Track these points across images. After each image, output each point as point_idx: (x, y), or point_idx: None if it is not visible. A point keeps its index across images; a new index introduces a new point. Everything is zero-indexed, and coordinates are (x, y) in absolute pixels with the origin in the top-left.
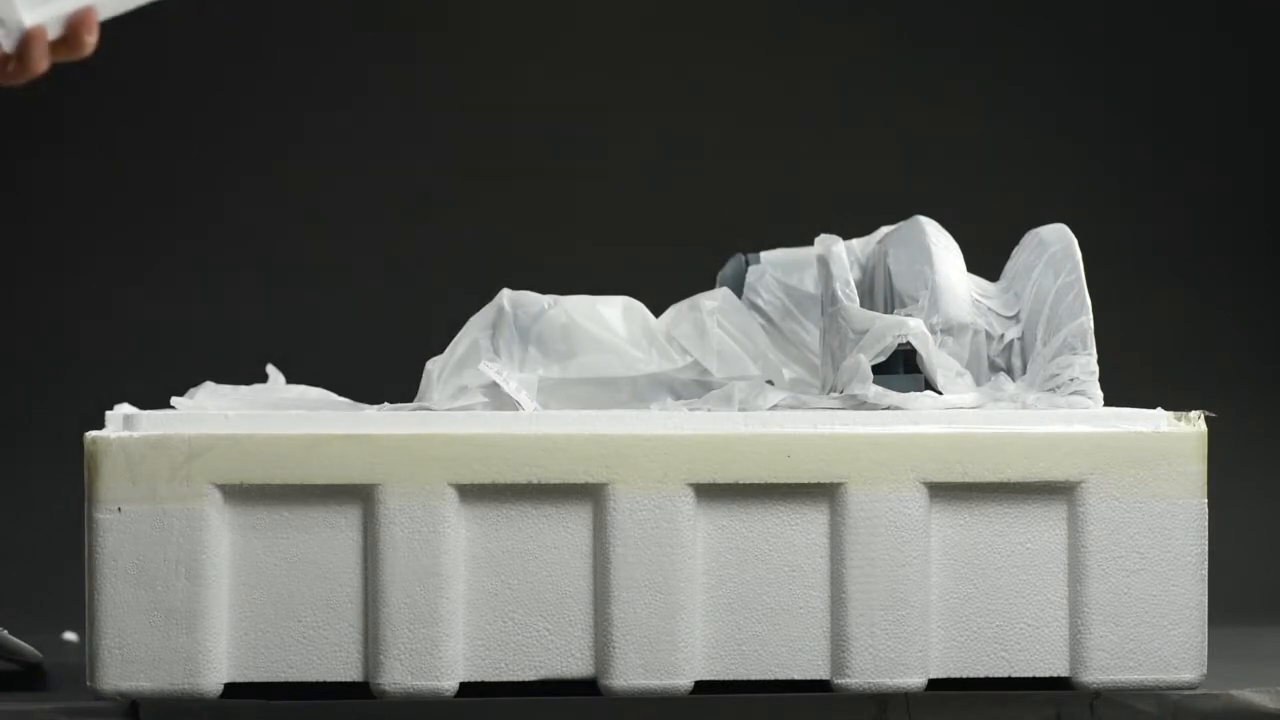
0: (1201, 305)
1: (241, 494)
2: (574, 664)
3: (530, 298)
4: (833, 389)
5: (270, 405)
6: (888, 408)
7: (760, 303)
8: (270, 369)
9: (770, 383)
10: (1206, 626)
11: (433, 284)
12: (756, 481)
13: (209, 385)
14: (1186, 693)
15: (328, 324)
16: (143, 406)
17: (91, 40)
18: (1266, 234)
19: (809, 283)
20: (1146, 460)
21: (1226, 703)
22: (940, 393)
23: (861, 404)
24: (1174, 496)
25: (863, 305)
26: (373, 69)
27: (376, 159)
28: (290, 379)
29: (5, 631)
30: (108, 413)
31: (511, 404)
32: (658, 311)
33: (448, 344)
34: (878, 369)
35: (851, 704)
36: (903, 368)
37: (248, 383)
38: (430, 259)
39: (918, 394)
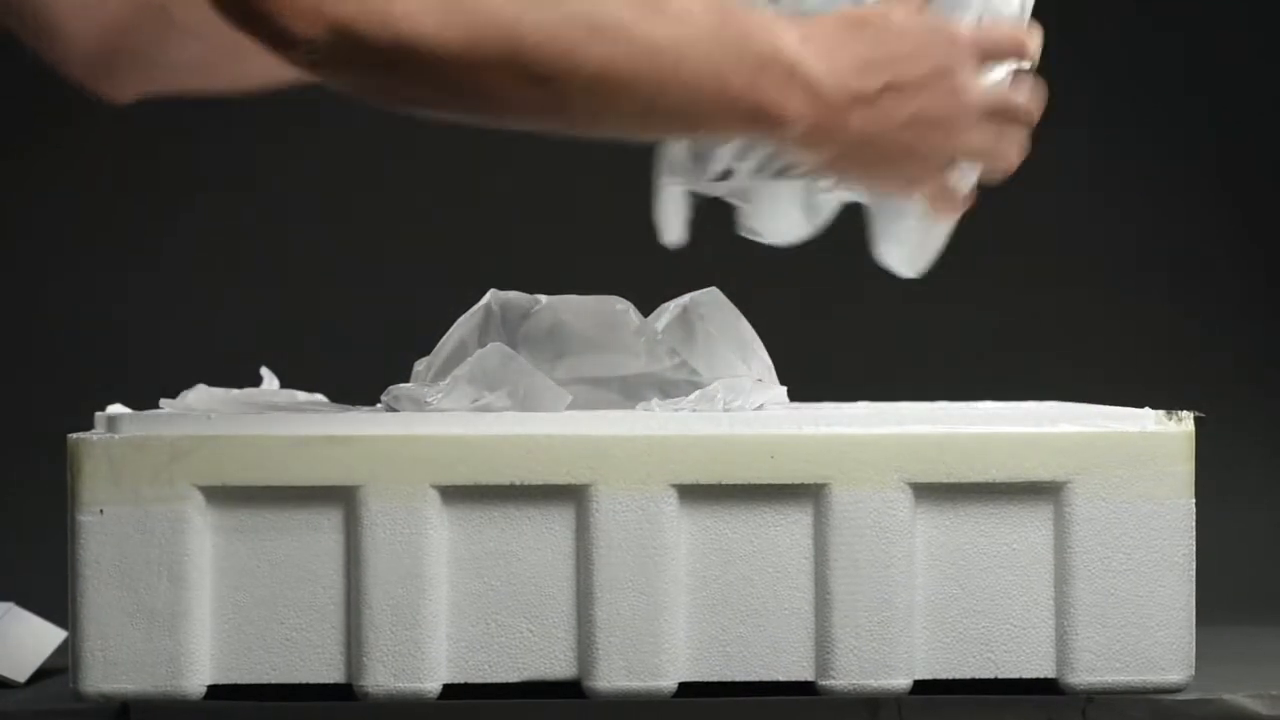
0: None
1: (224, 496)
2: (557, 666)
3: (518, 297)
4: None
5: (257, 408)
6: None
7: None
8: (264, 372)
9: (759, 380)
10: (1194, 627)
11: (426, 285)
12: (740, 482)
13: (201, 388)
14: (1178, 697)
15: (323, 325)
16: (138, 409)
17: None
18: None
19: None
20: (1133, 460)
21: (1219, 707)
22: None
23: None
24: (1161, 497)
25: None
26: None
27: (371, 160)
28: (285, 382)
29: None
30: (96, 414)
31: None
32: (646, 311)
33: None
34: None
35: (841, 707)
36: None
37: (242, 386)
38: (424, 260)
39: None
